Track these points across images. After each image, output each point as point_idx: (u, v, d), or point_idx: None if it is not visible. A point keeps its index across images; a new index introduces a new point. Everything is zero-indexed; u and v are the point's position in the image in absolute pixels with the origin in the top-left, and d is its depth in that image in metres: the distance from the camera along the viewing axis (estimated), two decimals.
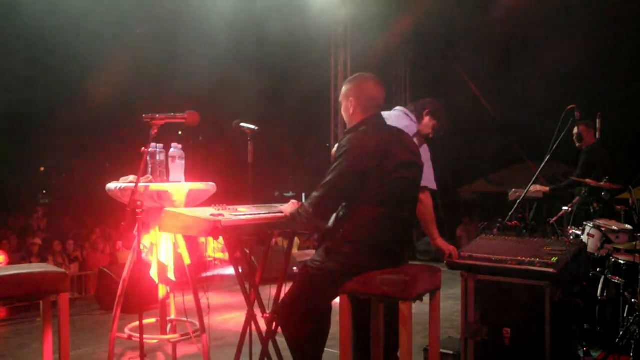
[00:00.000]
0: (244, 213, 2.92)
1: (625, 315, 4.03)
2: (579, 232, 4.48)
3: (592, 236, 4.37)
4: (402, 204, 2.79)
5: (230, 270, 7.99)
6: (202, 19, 9.25)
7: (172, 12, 9.36)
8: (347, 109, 2.91)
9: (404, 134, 2.97)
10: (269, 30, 9.27)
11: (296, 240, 10.07)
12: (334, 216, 2.88)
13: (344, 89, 2.95)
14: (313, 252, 3.05)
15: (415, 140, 3.27)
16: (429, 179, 3.35)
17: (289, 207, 2.92)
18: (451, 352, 3.56)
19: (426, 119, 3.54)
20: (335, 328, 2.81)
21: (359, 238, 2.70)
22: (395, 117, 3.40)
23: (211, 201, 3.30)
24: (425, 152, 3.45)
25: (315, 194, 2.72)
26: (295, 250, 9.67)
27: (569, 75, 10.14)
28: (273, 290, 3.23)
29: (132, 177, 3.35)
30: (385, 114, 3.29)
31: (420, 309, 2.96)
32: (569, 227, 4.60)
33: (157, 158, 3.41)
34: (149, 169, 3.39)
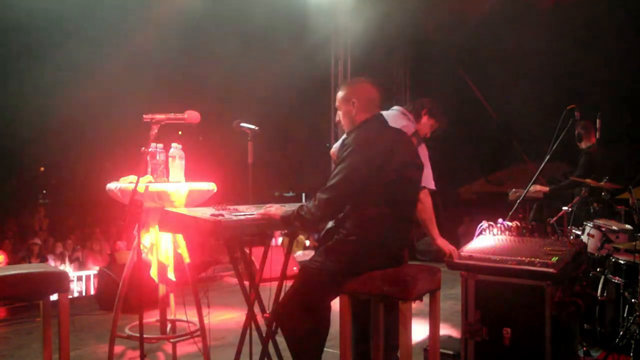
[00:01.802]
0: (244, 213, 2.93)
1: (625, 315, 4.03)
2: (579, 232, 4.48)
3: (592, 236, 4.37)
4: (403, 204, 2.80)
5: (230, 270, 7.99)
6: (201, 19, 9.26)
7: (172, 12, 9.35)
8: (348, 111, 2.92)
9: (404, 135, 2.99)
10: (269, 30, 9.27)
11: (301, 239, 10.03)
12: None
13: (341, 94, 2.97)
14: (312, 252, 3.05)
15: (413, 139, 3.27)
16: (427, 178, 3.35)
17: (277, 211, 2.86)
18: (451, 352, 3.56)
19: (424, 119, 3.54)
20: (335, 328, 2.81)
21: (360, 237, 2.71)
22: (393, 116, 3.40)
23: (211, 201, 3.31)
24: (423, 152, 3.45)
25: (323, 195, 2.70)
26: (301, 251, 9.65)
27: (568, 74, 10.13)
28: (273, 290, 3.23)
29: (132, 177, 3.35)
30: (383, 113, 3.29)
31: (420, 309, 2.96)
32: (569, 227, 4.60)
33: (157, 158, 3.42)
34: (149, 169, 3.39)
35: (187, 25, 9.91)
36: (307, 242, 11.00)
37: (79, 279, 8.52)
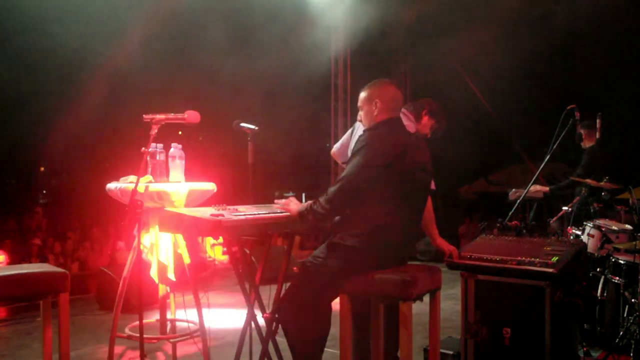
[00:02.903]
0: (244, 213, 2.92)
1: (625, 315, 4.03)
2: (579, 232, 4.48)
3: (592, 236, 4.37)
4: (412, 206, 2.81)
5: (230, 270, 7.99)
6: (200, 18, 9.25)
7: (173, 11, 9.36)
8: (370, 111, 2.92)
9: (420, 141, 3.01)
10: (269, 30, 9.27)
11: (297, 239, 10.00)
12: None
13: (364, 94, 2.97)
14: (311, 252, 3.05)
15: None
16: None
17: (294, 206, 2.90)
18: (451, 352, 3.56)
19: (425, 119, 3.55)
20: (335, 328, 2.81)
21: (365, 234, 2.71)
22: None
23: (211, 201, 3.30)
24: None
25: (332, 188, 2.73)
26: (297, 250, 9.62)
27: (569, 74, 10.14)
28: (273, 290, 3.23)
29: (132, 177, 3.35)
30: None
31: (420, 309, 2.96)
32: (569, 227, 4.60)
33: (157, 158, 3.41)
34: (149, 169, 3.39)
35: (187, 25, 9.91)
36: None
37: (79, 279, 8.51)
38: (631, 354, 3.68)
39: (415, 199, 2.84)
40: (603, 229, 4.35)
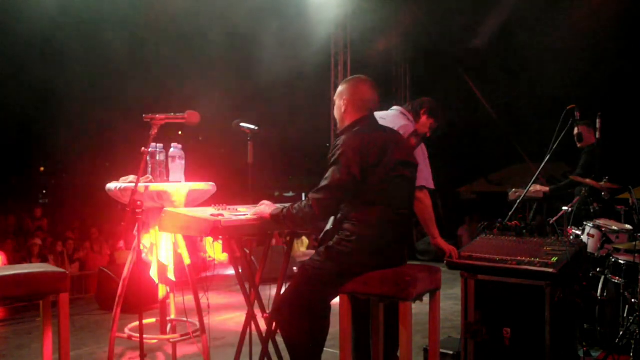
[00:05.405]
0: (244, 213, 2.92)
1: (625, 315, 4.03)
2: (579, 232, 4.48)
3: (592, 236, 4.37)
4: (401, 202, 2.80)
5: (230, 270, 7.99)
6: (201, 18, 9.25)
7: (172, 11, 9.36)
8: (339, 107, 2.95)
9: (397, 134, 2.99)
10: (269, 30, 9.28)
11: (305, 240, 9.99)
12: (332, 217, 2.88)
13: (339, 88, 3.00)
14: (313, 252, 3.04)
15: (412, 139, 3.28)
16: (426, 178, 3.36)
17: (267, 209, 2.86)
18: (451, 352, 3.56)
19: (423, 118, 3.55)
20: (335, 328, 2.81)
21: (360, 237, 2.70)
22: (393, 116, 3.41)
23: (211, 201, 3.31)
24: (423, 152, 3.45)
25: (315, 195, 2.71)
26: (303, 250, 9.60)
27: (569, 75, 10.14)
28: (273, 290, 3.23)
29: (132, 177, 3.35)
30: (382, 113, 3.30)
31: (420, 309, 2.96)
32: (569, 227, 4.60)
33: (157, 158, 3.42)
34: (149, 169, 3.39)
35: (187, 25, 9.91)
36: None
37: (79, 279, 8.51)
38: (631, 354, 3.68)
39: (402, 193, 2.82)
40: (603, 229, 4.35)
